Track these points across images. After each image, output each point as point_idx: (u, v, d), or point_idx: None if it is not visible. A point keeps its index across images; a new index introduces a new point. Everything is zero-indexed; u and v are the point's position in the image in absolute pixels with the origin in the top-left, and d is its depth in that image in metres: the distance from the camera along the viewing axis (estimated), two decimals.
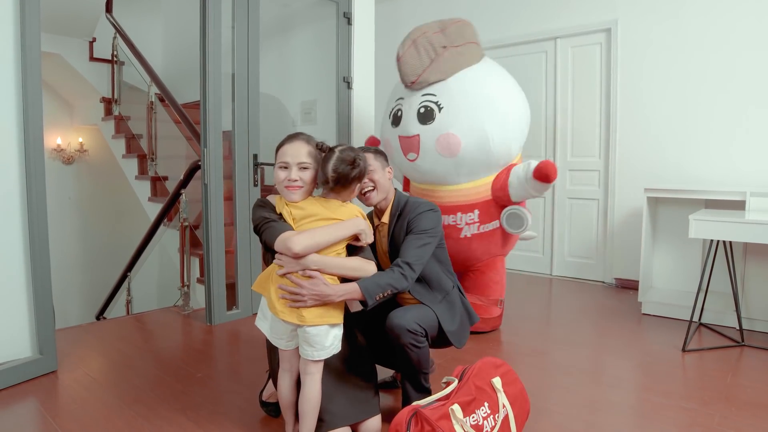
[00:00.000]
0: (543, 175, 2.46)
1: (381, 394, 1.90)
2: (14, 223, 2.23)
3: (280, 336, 1.63)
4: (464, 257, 2.80)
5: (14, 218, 2.23)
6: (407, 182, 3.07)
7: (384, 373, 2.17)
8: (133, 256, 4.20)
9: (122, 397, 2.11)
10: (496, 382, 1.63)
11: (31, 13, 2.20)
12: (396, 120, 2.69)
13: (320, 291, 1.53)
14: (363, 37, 3.83)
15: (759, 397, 2.12)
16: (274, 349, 1.72)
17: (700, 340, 2.84)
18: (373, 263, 1.68)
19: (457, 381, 1.59)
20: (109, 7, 5.01)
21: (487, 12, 4.60)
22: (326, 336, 1.56)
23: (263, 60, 3.30)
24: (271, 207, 1.66)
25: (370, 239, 1.68)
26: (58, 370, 2.36)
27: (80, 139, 5.83)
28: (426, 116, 2.55)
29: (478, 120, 2.52)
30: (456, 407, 1.47)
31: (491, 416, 1.56)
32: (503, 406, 1.60)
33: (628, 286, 3.94)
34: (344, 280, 1.63)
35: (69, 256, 5.60)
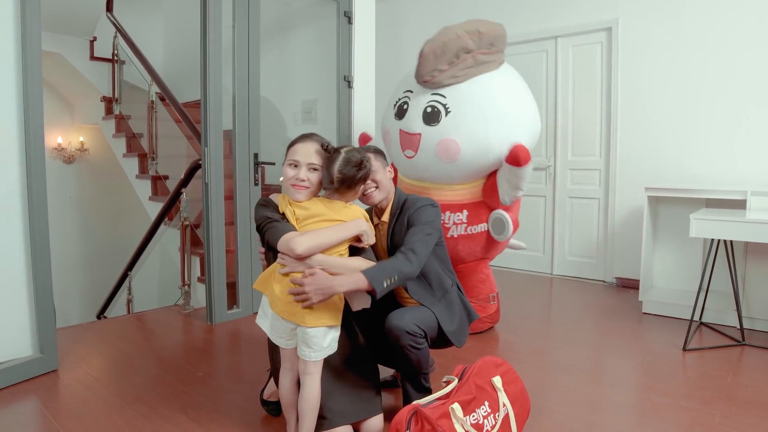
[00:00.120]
0: (513, 159, 2.42)
1: (381, 394, 1.90)
2: (15, 223, 2.24)
3: (280, 334, 1.64)
4: (450, 257, 2.78)
5: (15, 217, 2.24)
6: (395, 174, 3.05)
7: (384, 372, 2.17)
8: (134, 255, 4.20)
9: (123, 396, 2.11)
10: (497, 381, 1.63)
11: (31, 12, 2.20)
12: (400, 112, 2.64)
13: (322, 283, 1.50)
14: (363, 36, 3.83)
15: (760, 396, 2.11)
16: (275, 348, 1.72)
17: (700, 339, 2.84)
18: (373, 263, 1.68)
19: (457, 380, 1.59)
20: (109, 6, 5.01)
21: (487, 11, 4.59)
22: (324, 337, 1.56)
23: (264, 59, 3.30)
24: (273, 206, 1.65)
25: (372, 240, 1.68)
26: (58, 369, 2.36)
27: (81, 139, 5.84)
28: (432, 117, 2.51)
29: (484, 129, 2.48)
30: (456, 406, 1.47)
31: (491, 415, 1.56)
32: (503, 405, 1.60)
33: (628, 285, 3.94)
34: None
35: (70, 255, 5.61)
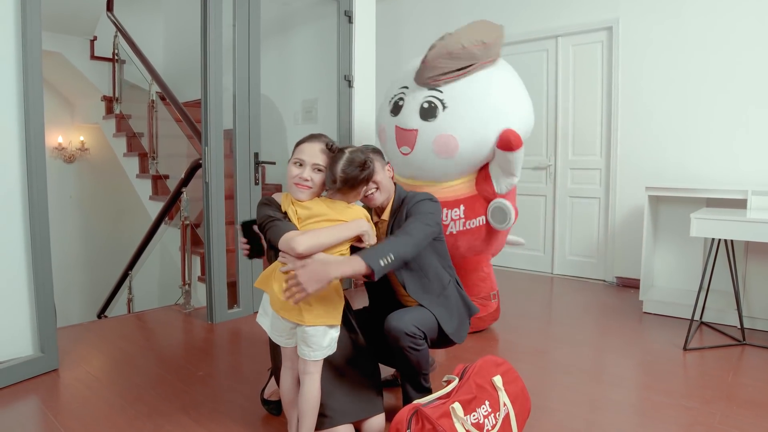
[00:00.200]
0: (505, 143, 2.41)
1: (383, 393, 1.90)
2: (15, 222, 2.24)
3: (280, 333, 1.64)
4: (450, 254, 2.77)
5: (16, 217, 2.24)
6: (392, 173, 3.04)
7: (385, 371, 2.16)
8: (135, 254, 4.20)
9: (123, 395, 2.11)
10: (497, 380, 1.63)
11: (32, 12, 2.20)
12: (396, 108, 2.62)
13: (316, 271, 1.45)
14: (364, 35, 3.83)
15: (760, 395, 2.11)
16: (276, 347, 1.72)
17: (701, 338, 2.84)
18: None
19: (457, 379, 1.59)
20: (110, 6, 5.01)
21: (488, 10, 4.59)
22: (323, 337, 1.56)
23: (264, 58, 3.30)
24: (276, 205, 1.66)
25: (373, 240, 1.67)
26: (59, 369, 2.36)
27: (81, 138, 5.84)
28: (428, 112, 2.49)
29: (481, 124, 2.47)
30: (457, 405, 1.47)
31: (492, 414, 1.56)
32: (504, 405, 1.60)
33: (629, 284, 3.94)
34: (349, 280, 1.63)
35: (70, 255, 5.61)
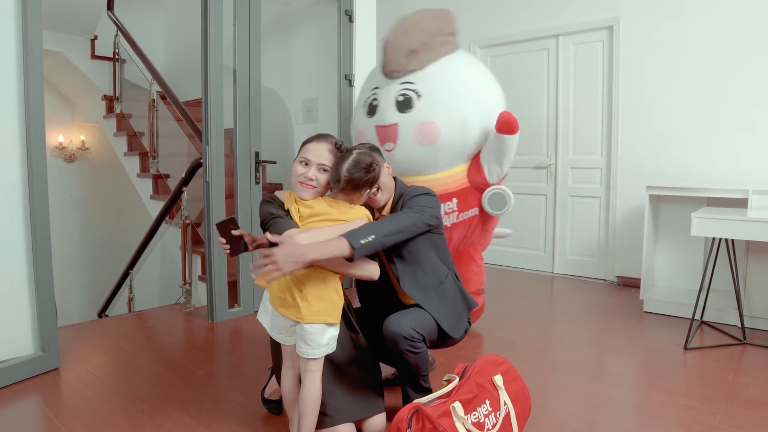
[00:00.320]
0: (506, 125, 2.41)
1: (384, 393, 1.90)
2: (16, 221, 2.24)
3: (280, 330, 1.64)
4: None
5: (16, 216, 2.24)
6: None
7: (385, 370, 2.16)
8: (135, 253, 4.20)
9: (124, 394, 2.11)
10: (498, 379, 1.63)
11: (32, 11, 2.20)
12: (371, 110, 2.63)
13: (292, 251, 1.43)
14: (364, 34, 3.82)
15: (761, 395, 2.11)
16: (277, 346, 1.72)
17: (701, 338, 2.84)
18: (376, 263, 1.69)
19: (458, 379, 1.59)
20: (110, 5, 5.01)
21: (489, 9, 4.59)
22: (322, 335, 1.56)
23: (265, 57, 3.30)
24: (278, 203, 1.67)
25: None
26: (60, 368, 2.37)
27: (82, 137, 5.84)
28: (404, 104, 2.50)
29: (459, 107, 2.49)
30: (457, 405, 1.48)
31: (492, 414, 1.56)
32: (504, 404, 1.60)
33: (629, 284, 3.94)
34: (349, 280, 1.62)
35: (71, 254, 5.61)
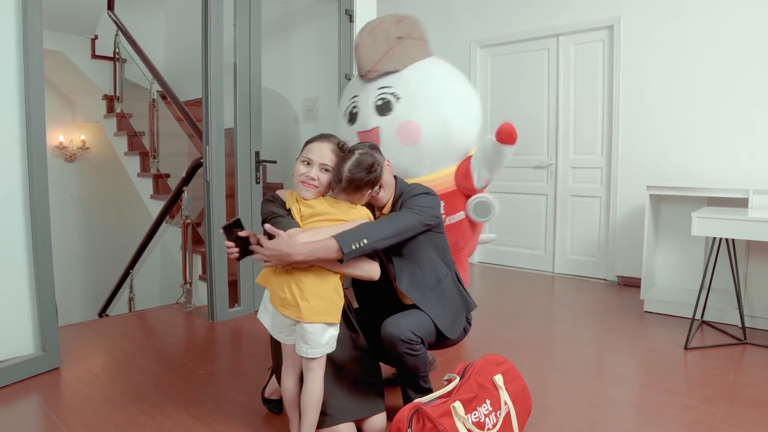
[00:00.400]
0: (507, 135, 2.40)
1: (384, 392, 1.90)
2: (17, 221, 2.24)
3: (280, 330, 1.64)
4: None
5: (17, 216, 2.24)
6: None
7: (386, 370, 2.16)
8: (136, 253, 4.20)
9: (124, 393, 2.12)
10: (498, 379, 1.63)
11: (33, 11, 2.20)
12: (352, 117, 2.64)
13: (280, 249, 1.48)
14: None
15: (761, 394, 2.11)
16: (278, 346, 1.72)
17: (702, 337, 2.84)
18: (376, 263, 1.69)
19: (458, 378, 1.59)
20: (110, 5, 5.02)
21: (489, 9, 4.59)
22: (322, 334, 1.56)
23: (265, 57, 3.30)
24: (280, 202, 1.68)
25: None
26: (60, 367, 2.37)
27: (82, 137, 5.84)
28: (384, 108, 2.52)
29: (437, 106, 2.50)
30: (458, 404, 1.47)
31: (493, 413, 1.56)
32: (505, 404, 1.60)
33: (630, 283, 3.94)
34: (349, 279, 1.63)
35: (71, 254, 5.62)
